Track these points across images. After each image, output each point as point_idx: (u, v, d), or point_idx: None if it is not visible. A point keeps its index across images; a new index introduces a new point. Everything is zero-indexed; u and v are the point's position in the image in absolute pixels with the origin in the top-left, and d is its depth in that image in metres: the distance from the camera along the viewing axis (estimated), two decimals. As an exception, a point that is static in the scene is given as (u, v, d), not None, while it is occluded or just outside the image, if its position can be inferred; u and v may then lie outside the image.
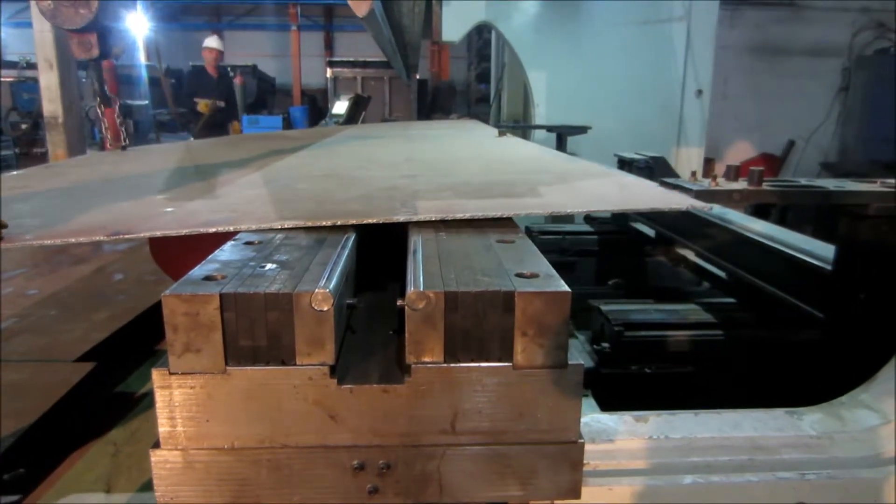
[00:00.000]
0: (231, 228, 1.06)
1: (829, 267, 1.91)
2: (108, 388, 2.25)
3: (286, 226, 1.09)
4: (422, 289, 0.77)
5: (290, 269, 0.87)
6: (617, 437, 1.26)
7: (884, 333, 1.59)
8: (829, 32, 9.66)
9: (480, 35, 11.63)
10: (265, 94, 14.76)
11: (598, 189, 1.36)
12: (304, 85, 15.72)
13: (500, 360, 0.79)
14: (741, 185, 1.60)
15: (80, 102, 8.08)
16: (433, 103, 14.50)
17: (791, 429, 1.30)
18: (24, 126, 9.92)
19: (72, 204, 1.42)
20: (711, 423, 1.32)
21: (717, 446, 1.25)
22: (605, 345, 2.42)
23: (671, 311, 2.57)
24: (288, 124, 12.59)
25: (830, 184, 1.67)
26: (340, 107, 7.51)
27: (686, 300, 2.82)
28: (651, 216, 3.49)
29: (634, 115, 5.85)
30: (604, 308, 2.52)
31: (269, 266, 0.88)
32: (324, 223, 1.08)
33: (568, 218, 4.12)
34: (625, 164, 4.55)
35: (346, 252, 0.98)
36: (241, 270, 0.85)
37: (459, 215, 1.10)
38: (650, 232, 3.72)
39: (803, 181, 1.73)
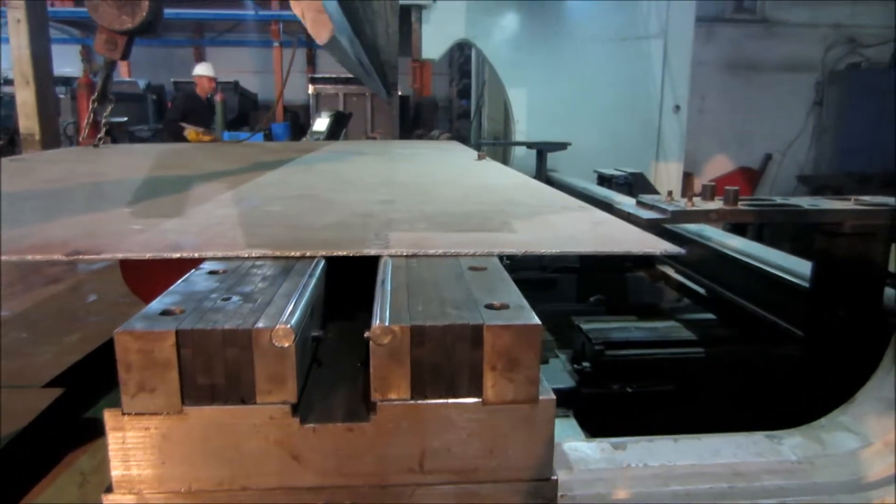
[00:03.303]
0: (197, 255, 1.03)
1: (806, 284, 1.91)
2: (77, 414, 2.19)
3: (253, 254, 1.06)
4: (387, 323, 0.75)
5: (253, 302, 0.83)
6: (595, 465, 1.24)
7: (863, 351, 1.59)
8: (802, 48, 9.85)
9: (462, 51, 11.70)
10: (247, 111, 14.70)
11: (571, 226, 1.36)
12: (287, 101, 15.68)
13: (469, 396, 0.77)
14: (717, 204, 1.59)
15: (58, 119, 7.98)
16: (415, 119, 14.54)
17: (771, 454, 1.28)
18: None
19: (32, 211, 1.38)
20: (691, 449, 1.30)
21: (696, 474, 1.23)
22: (586, 364, 2.41)
23: (652, 329, 2.56)
24: (270, 141, 12.52)
25: (805, 202, 1.68)
26: (321, 124, 7.48)
27: (667, 317, 2.82)
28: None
29: (614, 131, 5.90)
30: (584, 327, 2.51)
31: (231, 298, 0.85)
32: (292, 253, 1.05)
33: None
34: (604, 181, 4.58)
35: (314, 281, 0.95)
36: (201, 303, 0.82)
37: (431, 251, 1.08)
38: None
39: (779, 199, 1.73)
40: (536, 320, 0.76)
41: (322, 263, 1.06)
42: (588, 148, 5.52)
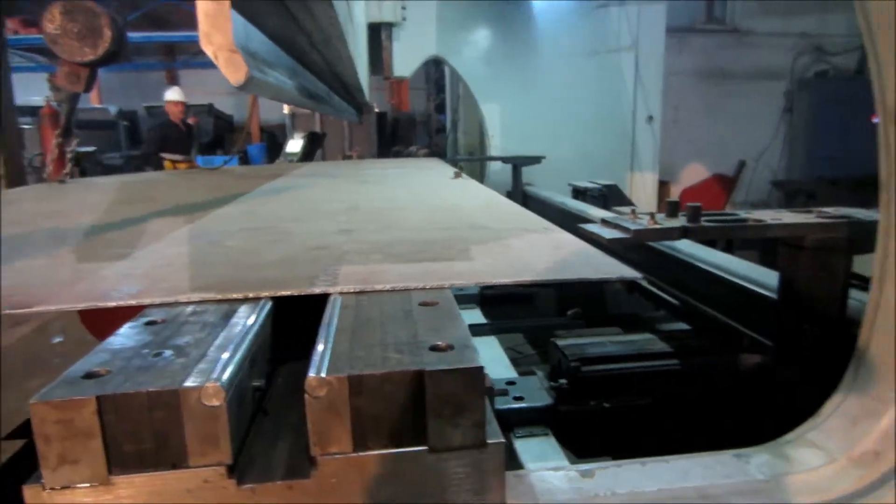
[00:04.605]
0: (133, 303, 1.00)
1: (774, 296, 1.91)
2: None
3: (193, 298, 1.02)
4: (323, 374, 0.72)
5: (186, 357, 0.80)
6: (562, 496, 1.21)
7: (829, 364, 1.58)
8: (772, 57, 10.01)
9: (437, 66, 11.73)
10: (222, 133, 14.58)
11: (531, 252, 1.35)
12: (263, 121, 15.60)
13: (414, 445, 0.74)
14: (680, 221, 1.58)
15: (22, 152, 7.84)
16: (393, 136, 14.51)
17: (739, 473, 1.26)
18: (-40, 177, 9.61)
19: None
20: (659, 473, 1.27)
21: (665, 500, 1.21)
22: (563, 381, 2.38)
23: (627, 343, 2.54)
24: (245, 162, 12.43)
25: (768, 216, 1.67)
26: (294, 145, 7.43)
27: (644, 328, 2.81)
28: (603, 246, 3.49)
29: (588, 143, 5.92)
30: (560, 343, 2.49)
31: (163, 353, 0.82)
32: (234, 296, 1.02)
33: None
34: (579, 193, 4.58)
35: (256, 327, 0.92)
36: (129, 361, 0.79)
37: (379, 287, 1.06)
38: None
39: (742, 213, 1.72)
40: (478, 363, 0.74)
41: (268, 305, 1.03)
42: (564, 161, 5.52)
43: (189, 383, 0.71)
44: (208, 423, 0.70)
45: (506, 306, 3.45)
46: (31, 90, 10.61)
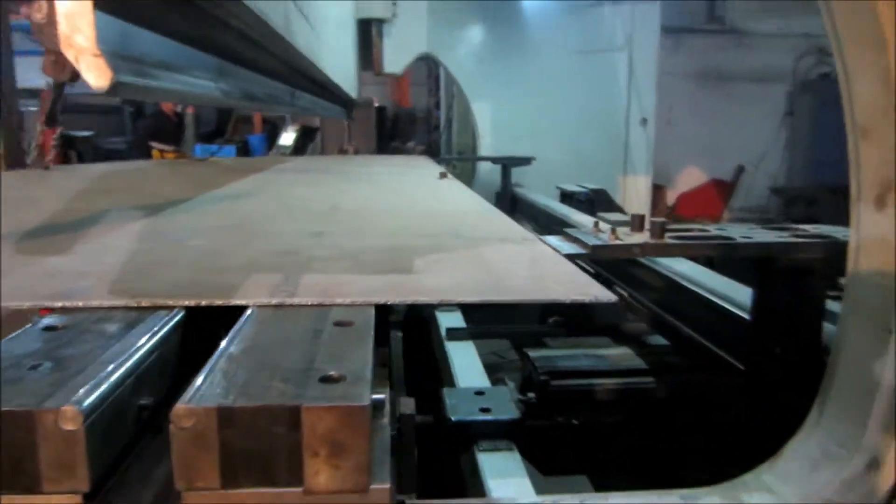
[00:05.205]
0: (27, 305, 0.94)
1: (747, 316, 1.84)
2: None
3: (102, 304, 0.96)
4: (191, 403, 0.66)
5: (63, 371, 0.74)
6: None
7: (798, 394, 1.51)
8: (773, 58, 9.85)
9: (438, 63, 11.65)
10: (224, 123, 14.49)
11: (504, 266, 1.31)
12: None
13: (289, 485, 0.67)
14: (643, 237, 1.51)
15: (23, 135, 7.79)
16: (393, 131, 14.41)
17: (686, 516, 1.20)
18: (-38, 158, 9.58)
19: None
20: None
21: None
22: (531, 395, 2.32)
23: (601, 358, 2.48)
24: (245, 152, 12.36)
25: (737, 233, 1.60)
26: (287, 138, 7.39)
27: (624, 340, 2.75)
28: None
29: (580, 144, 5.85)
30: (532, 354, 2.43)
31: (41, 365, 0.76)
32: (144, 303, 0.96)
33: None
34: (566, 197, 4.52)
35: (154, 340, 0.86)
36: (4, 372, 0.73)
37: (339, 300, 1.01)
38: (590, 268, 3.66)
39: (713, 229, 1.65)
40: (364, 401, 0.67)
41: (179, 315, 0.97)
42: (555, 162, 5.46)
43: (47, 404, 0.66)
44: (64, 447, 0.65)
45: (488, 310, 3.39)
46: (38, 73, 10.51)
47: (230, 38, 1.33)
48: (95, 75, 0.71)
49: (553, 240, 1.54)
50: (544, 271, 1.27)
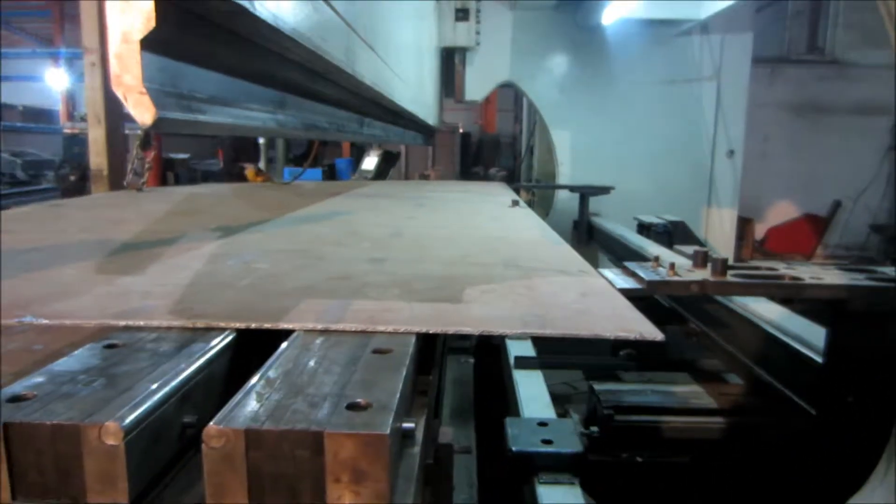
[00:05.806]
0: (93, 323, 1.01)
1: (820, 360, 1.75)
2: None
3: (161, 324, 1.03)
4: (221, 424, 0.69)
5: (114, 387, 0.80)
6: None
7: (869, 442, 1.42)
8: (876, 90, 9.31)
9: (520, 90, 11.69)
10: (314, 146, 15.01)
11: (553, 298, 1.30)
12: (351, 137, 15.95)
13: (313, 509, 0.70)
14: (703, 273, 1.47)
15: (126, 156, 8.35)
16: (478, 156, 14.50)
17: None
18: (72, 178, 10.38)
19: (20, 265, 1.40)
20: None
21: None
22: (595, 428, 2.27)
23: (669, 394, 2.40)
24: (332, 176, 12.78)
25: (808, 273, 1.52)
26: (369, 163, 7.59)
27: (697, 377, 2.66)
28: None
29: (662, 175, 5.72)
30: (597, 388, 2.38)
31: (95, 382, 0.82)
32: (199, 325, 1.02)
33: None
34: (643, 229, 4.41)
35: (202, 361, 0.91)
36: (59, 387, 0.79)
37: (381, 328, 1.04)
38: (665, 302, 3.57)
39: (782, 268, 1.58)
40: (385, 429, 0.69)
41: (230, 337, 1.02)
42: (635, 192, 5.36)
43: (93, 419, 0.71)
44: (107, 461, 0.69)
45: (558, 341, 3.35)
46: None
47: (288, 71, 1.39)
48: (141, 111, 0.77)
49: (610, 273, 1.52)
50: (593, 305, 1.25)
